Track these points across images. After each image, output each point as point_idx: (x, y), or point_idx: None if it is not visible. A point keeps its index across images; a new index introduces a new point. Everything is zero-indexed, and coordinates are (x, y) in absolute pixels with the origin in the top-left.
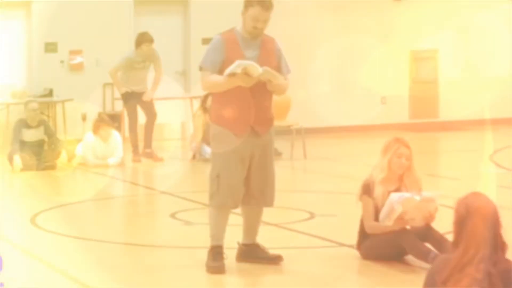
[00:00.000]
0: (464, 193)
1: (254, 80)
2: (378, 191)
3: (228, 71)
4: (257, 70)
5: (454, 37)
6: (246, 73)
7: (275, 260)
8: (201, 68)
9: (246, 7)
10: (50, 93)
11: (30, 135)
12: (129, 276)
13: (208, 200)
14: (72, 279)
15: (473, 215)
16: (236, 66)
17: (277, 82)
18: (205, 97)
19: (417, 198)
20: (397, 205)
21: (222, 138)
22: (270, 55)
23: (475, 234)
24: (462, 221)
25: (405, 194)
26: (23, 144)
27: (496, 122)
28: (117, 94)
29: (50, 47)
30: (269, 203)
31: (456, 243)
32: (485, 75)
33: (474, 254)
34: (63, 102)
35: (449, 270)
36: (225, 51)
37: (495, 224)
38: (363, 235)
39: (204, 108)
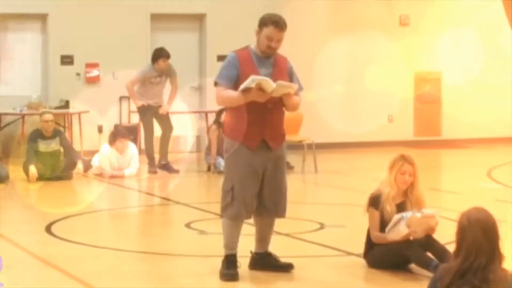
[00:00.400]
0: (464, 206)
1: (267, 96)
2: (385, 205)
3: (243, 86)
4: (270, 85)
5: (457, 61)
6: (260, 89)
7: (286, 268)
8: (216, 84)
9: (261, 26)
10: (66, 104)
11: (45, 146)
12: (144, 284)
13: (221, 211)
14: (87, 286)
15: (473, 225)
16: (250, 81)
17: (292, 91)
18: (220, 112)
19: (418, 215)
20: (403, 227)
21: (235, 151)
22: (283, 73)
23: (475, 243)
24: (463, 232)
25: (408, 214)
26: (38, 154)
27: (494, 141)
28: (133, 107)
29: (66, 60)
30: (281, 214)
31: (457, 251)
32: (485, 96)
33: (473, 262)
34: (79, 113)
35: (450, 277)
36: (240, 67)
37: (494, 235)
38: (370, 245)
39: (218, 122)
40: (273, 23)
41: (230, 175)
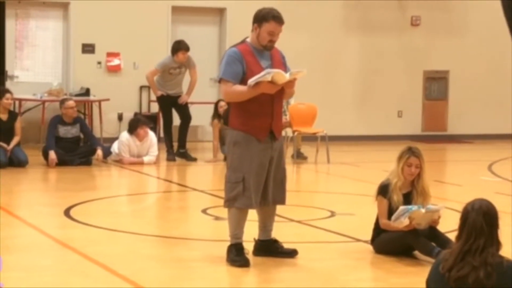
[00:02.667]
0: (465, 198)
1: (278, 87)
2: (393, 195)
3: (255, 79)
4: (284, 77)
5: (464, 60)
6: (270, 81)
7: (291, 254)
8: (221, 80)
9: (260, 22)
10: (87, 92)
11: (66, 132)
12: (160, 267)
13: (228, 202)
14: (104, 267)
15: (476, 211)
16: (265, 74)
17: (303, 75)
18: (217, 105)
19: (423, 210)
20: (405, 218)
21: (245, 143)
22: (279, 63)
23: (475, 226)
24: (466, 216)
25: (413, 207)
26: (58, 140)
27: (496, 137)
28: (153, 97)
29: (87, 48)
30: (283, 202)
31: (459, 235)
32: (489, 95)
33: (472, 243)
34: (99, 101)
35: (452, 260)
36: (245, 62)
37: (494, 221)
38: (377, 232)
39: (218, 115)
40: (274, 18)
41: (240, 166)
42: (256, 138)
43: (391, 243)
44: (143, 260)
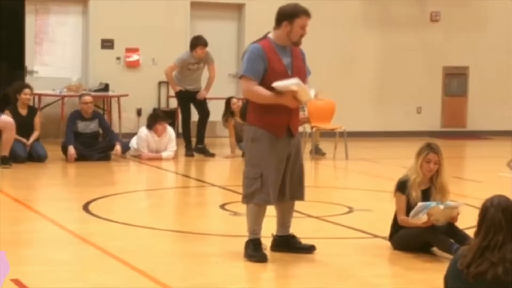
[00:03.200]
0: (483, 194)
1: (300, 104)
2: (411, 191)
3: (282, 84)
4: (308, 95)
5: (483, 57)
6: (294, 96)
7: (308, 249)
8: (243, 77)
9: (292, 18)
10: (106, 87)
11: (84, 127)
12: (178, 261)
13: (246, 198)
14: (122, 262)
15: (494, 207)
16: (294, 84)
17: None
18: (229, 102)
19: (441, 206)
20: (424, 215)
21: (263, 139)
22: (299, 60)
23: (494, 221)
24: (485, 212)
25: (432, 204)
26: (77, 135)
27: None
28: (172, 92)
29: (106, 44)
30: (302, 197)
31: (477, 231)
32: (508, 91)
33: (491, 239)
34: (118, 97)
35: (471, 256)
36: (267, 60)
37: None
38: (395, 228)
39: (230, 112)
40: (304, 12)
41: (258, 162)
42: (274, 135)
43: (410, 240)
44: (161, 255)
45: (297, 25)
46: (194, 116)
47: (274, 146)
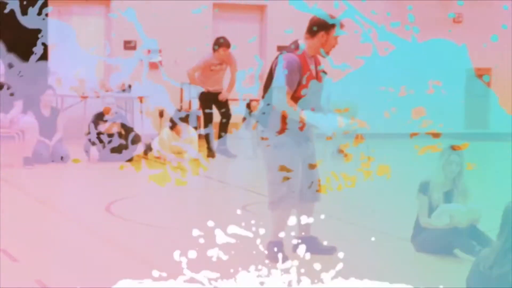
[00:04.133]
0: (505, 198)
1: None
2: (433, 193)
3: (320, 122)
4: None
5: (506, 58)
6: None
7: (330, 251)
8: (279, 88)
9: (329, 29)
10: (128, 89)
11: (107, 128)
12: (199, 262)
13: (273, 204)
14: (145, 262)
15: None
16: (339, 122)
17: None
18: (250, 106)
19: (464, 209)
20: (446, 217)
21: (284, 144)
22: (318, 66)
23: None
24: (507, 214)
25: (454, 206)
26: (99, 136)
27: None
28: (194, 94)
29: (129, 45)
30: (319, 199)
31: (500, 233)
32: None
33: None
34: (140, 98)
35: (493, 258)
36: (301, 71)
37: None
38: (418, 229)
39: (250, 115)
40: (341, 24)
41: (283, 168)
42: (294, 140)
43: (432, 241)
44: (182, 255)
45: (334, 37)
46: (216, 117)
47: (295, 151)
